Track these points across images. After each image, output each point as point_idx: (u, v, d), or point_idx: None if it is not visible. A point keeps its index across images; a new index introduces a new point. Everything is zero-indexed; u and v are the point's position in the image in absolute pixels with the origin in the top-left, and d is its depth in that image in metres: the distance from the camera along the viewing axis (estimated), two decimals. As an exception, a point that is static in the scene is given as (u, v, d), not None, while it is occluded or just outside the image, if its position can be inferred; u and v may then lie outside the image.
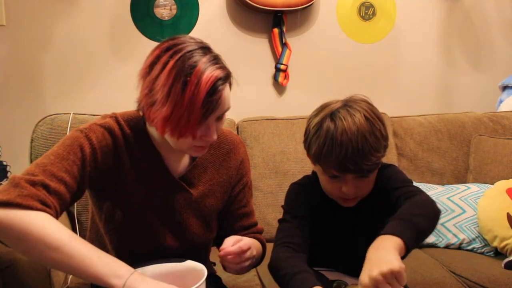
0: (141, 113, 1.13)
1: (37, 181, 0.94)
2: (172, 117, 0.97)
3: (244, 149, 1.28)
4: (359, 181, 1.14)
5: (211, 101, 0.98)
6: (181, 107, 0.96)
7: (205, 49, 1.02)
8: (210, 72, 0.97)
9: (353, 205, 1.20)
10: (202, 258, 1.26)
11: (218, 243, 1.26)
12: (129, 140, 1.11)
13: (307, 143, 1.18)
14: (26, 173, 0.96)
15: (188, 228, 1.18)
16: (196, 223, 1.20)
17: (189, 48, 0.99)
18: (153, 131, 1.12)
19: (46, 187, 0.95)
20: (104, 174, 1.08)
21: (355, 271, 1.23)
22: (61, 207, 0.98)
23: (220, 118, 1.05)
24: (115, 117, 1.13)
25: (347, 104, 1.14)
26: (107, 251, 1.15)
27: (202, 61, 0.98)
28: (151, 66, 1.01)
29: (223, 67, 1.01)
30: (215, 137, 1.05)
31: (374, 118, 1.12)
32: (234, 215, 1.26)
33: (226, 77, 1.01)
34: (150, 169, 1.13)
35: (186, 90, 0.95)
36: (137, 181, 1.12)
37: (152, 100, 1.00)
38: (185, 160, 1.19)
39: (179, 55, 0.98)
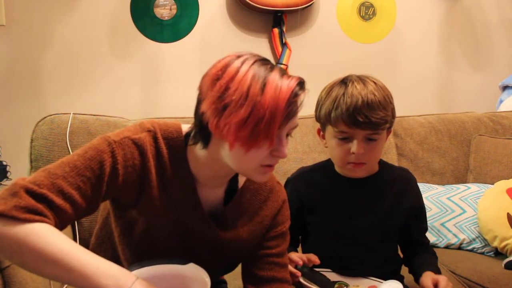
0: (184, 130, 1.05)
1: (39, 193, 0.87)
2: (250, 120, 0.89)
3: (284, 197, 1.17)
4: (368, 144, 1.19)
5: (294, 103, 0.93)
6: (261, 108, 0.89)
7: (271, 63, 0.98)
8: (287, 77, 0.93)
9: (361, 175, 1.25)
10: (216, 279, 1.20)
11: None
12: (163, 161, 1.01)
13: (318, 109, 1.25)
14: (32, 181, 0.89)
15: (206, 263, 1.10)
16: (218, 263, 1.13)
17: (259, 58, 0.96)
18: (194, 156, 1.03)
19: (48, 202, 0.88)
20: (124, 194, 1.00)
21: (351, 269, 1.25)
22: (62, 223, 0.91)
23: (288, 134, 0.98)
24: (153, 132, 1.02)
25: (359, 75, 1.24)
26: (117, 255, 1.13)
27: (276, 70, 0.94)
28: (222, 69, 0.92)
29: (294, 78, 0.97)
30: (286, 153, 0.97)
31: (383, 86, 1.22)
32: (263, 262, 1.13)
33: (303, 85, 0.96)
34: (181, 197, 1.04)
35: (266, 90, 0.90)
36: (164, 205, 1.03)
37: (224, 104, 0.90)
38: (219, 194, 1.10)
39: (253, 60, 0.94)
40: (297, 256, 1.20)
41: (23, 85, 2.30)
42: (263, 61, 0.95)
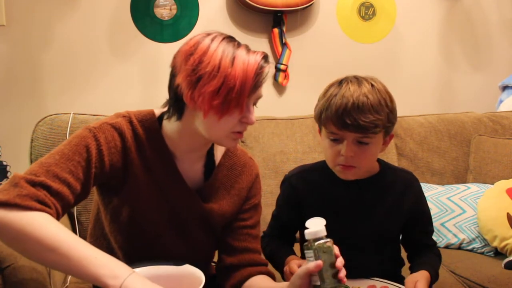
0: (156, 112, 1.13)
1: (38, 181, 0.93)
2: (222, 89, 0.99)
3: (256, 171, 1.26)
4: (358, 147, 1.16)
5: (260, 74, 1.03)
6: (232, 78, 0.99)
7: (237, 40, 1.08)
8: (253, 52, 1.04)
9: (351, 178, 1.23)
10: (205, 262, 1.25)
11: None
12: (142, 142, 1.10)
13: (316, 109, 1.23)
14: (29, 172, 0.95)
15: (195, 235, 1.18)
16: (204, 231, 1.20)
17: (227, 36, 1.06)
18: (169, 132, 1.11)
19: (47, 188, 0.94)
20: (111, 175, 1.07)
21: (350, 271, 1.25)
22: (63, 208, 0.97)
23: (254, 104, 1.08)
24: (128, 116, 1.11)
25: (357, 76, 1.21)
26: (112, 249, 1.17)
27: (242, 46, 1.04)
28: (195, 46, 1.02)
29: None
30: (254, 119, 1.06)
31: (381, 89, 1.18)
32: (237, 233, 1.22)
33: (267, 58, 1.06)
34: (163, 173, 1.12)
35: (235, 63, 1.00)
36: (148, 183, 1.11)
37: (198, 76, 1.00)
38: (198, 169, 1.18)
39: (221, 38, 1.04)
40: (297, 264, 1.19)
41: (23, 85, 2.30)
42: (230, 38, 1.06)
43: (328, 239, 0.99)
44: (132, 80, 2.39)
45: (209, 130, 1.05)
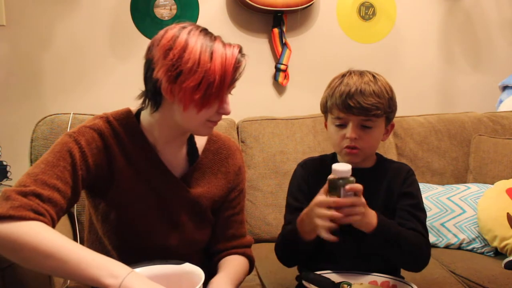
0: (133, 109, 1.16)
1: (29, 191, 0.95)
2: (202, 84, 1.02)
3: (241, 156, 1.31)
4: (362, 131, 1.23)
5: (238, 68, 1.07)
6: (212, 73, 1.02)
7: (211, 32, 1.09)
8: (229, 46, 1.06)
9: (356, 161, 1.26)
10: (202, 255, 1.26)
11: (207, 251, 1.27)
12: (122, 139, 1.13)
13: (321, 100, 1.31)
14: (18, 184, 0.98)
15: (184, 225, 1.19)
16: (194, 222, 1.21)
17: (202, 28, 1.07)
18: (148, 124, 1.14)
19: (38, 196, 0.95)
20: (97, 176, 1.09)
21: (349, 263, 1.25)
22: (57, 213, 0.98)
23: (229, 92, 1.11)
24: (105, 117, 1.14)
25: (360, 70, 1.30)
26: (107, 251, 1.17)
27: (218, 39, 1.06)
28: (172, 40, 1.03)
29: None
30: (230, 110, 1.10)
31: (383, 80, 1.27)
32: (226, 222, 1.27)
33: (242, 51, 1.09)
34: (147, 166, 1.14)
35: (214, 58, 1.02)
36: (134, 179, 1.13)
37: (177, 72, 1.02)
38: (181, 156, 1.20)
39: (198, 31, 1.06)
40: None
41: (23, 85, 2.30)
42: (206, 31, 1.08)
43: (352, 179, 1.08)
44: (132, 80, 2.39)
45: (187, 121, 1.09)
